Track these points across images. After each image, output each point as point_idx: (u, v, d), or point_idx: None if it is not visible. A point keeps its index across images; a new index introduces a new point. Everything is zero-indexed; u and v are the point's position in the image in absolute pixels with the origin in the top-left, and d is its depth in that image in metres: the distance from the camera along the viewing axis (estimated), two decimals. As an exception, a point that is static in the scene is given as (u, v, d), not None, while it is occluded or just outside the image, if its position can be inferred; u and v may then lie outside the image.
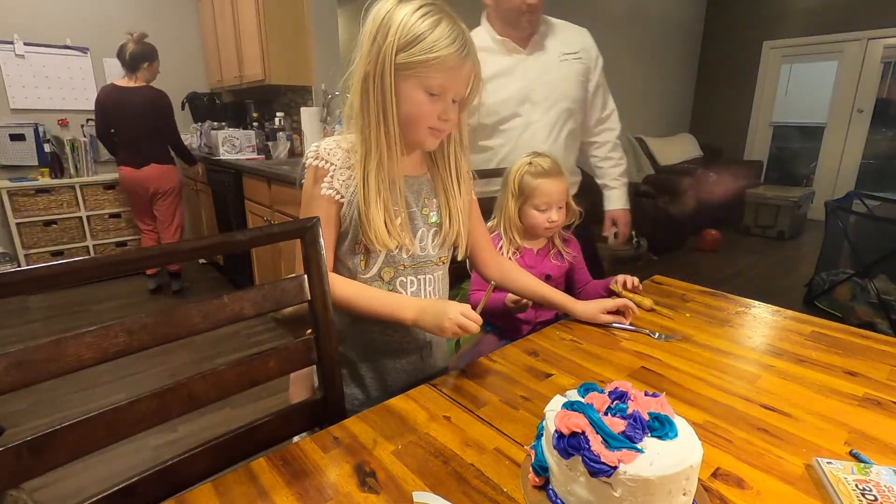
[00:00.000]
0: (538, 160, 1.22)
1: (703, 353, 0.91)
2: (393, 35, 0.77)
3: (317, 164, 0.86)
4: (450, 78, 0.80)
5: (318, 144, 0.87)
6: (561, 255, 1.30)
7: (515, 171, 1.23)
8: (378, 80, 0.80)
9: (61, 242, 3.41)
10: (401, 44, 0.77)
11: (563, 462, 0.51)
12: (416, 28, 0.77)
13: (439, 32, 0.77)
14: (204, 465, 0.71)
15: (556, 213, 1.22)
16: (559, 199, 1.22)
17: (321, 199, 0.86)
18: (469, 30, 0.82)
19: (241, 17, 3.18)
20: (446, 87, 0.81)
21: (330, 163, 0.86)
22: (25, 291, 0.59)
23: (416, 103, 0.81)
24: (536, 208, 1.22)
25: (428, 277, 0.94)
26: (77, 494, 1.52)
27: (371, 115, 0.82)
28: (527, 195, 1.22)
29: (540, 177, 1.20)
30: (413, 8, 0.78)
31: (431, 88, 0.80)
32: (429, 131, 0.85)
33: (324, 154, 0.86)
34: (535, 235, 1.26)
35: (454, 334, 0.80)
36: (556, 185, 1.21)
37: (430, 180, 0.93)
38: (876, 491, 0.54)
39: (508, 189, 1.24)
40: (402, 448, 0.65)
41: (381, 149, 0.83)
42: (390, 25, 0.78)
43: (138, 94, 2.87)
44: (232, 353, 2.48)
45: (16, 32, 3.25)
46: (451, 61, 0.79)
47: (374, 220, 0.83)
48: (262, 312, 0.76)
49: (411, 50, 0.77)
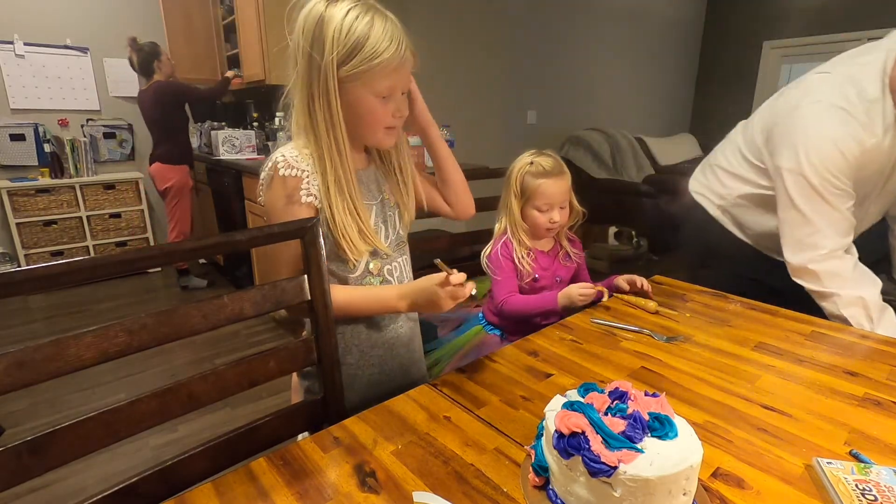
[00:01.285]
0: (539, 160, 1.20)
1: (703, 353, 0.91)
2: (330, 49, 0.74)
3: (288, 174, 0.81)
4: (396, 78, 0.79)
5: (281, 154, 0.82)
6: (569, 255, 1.29)
7: (517, 170, 1.21)
8: (323, 98, 0.78)
9: (61, 242, 3.41)
10: (341, 57, 0.75)
11: (563, 462, 0.51)
12: (352, 36, 0.74)
13: (376, 35, 0.75)
14: (204, 465, 0.71)
15: (557, 213, 1.20)
16: (561, 199, 1.20)
17: (302, 207, 0.82)
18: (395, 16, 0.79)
19: (241, 17, 3.18)
20: (394, 87, 0.80)
21: (301, 169, 0.81)
22: (25, 291, 0.59)
23: (369, 109, 0.80)
24: (538, 209, 1.20)
25: (405, 257, 0.97)
26: (77, 494, 1.53)
27: (321, 131, 0.80)
28: (528, 195, 1.20)
29: (541, 177, 1.18)
30: (342, 13, 0.74)
31: (381, 92, 0.79)
32: (385, 131, 0.84)
33: (292, 162, 0.81)
34: (539, 236, 1.25)
35: (449, 305, 0.80)
36: (557, 186, 1.18)
37: (376, 169, 0.94)
38: (876, 491, 0.54)
39: (511, 190, 1.22)
40: (402, 448, 0.65)
41: (334, 162, 0.81)
42: (324, 38, 0.75)
43: (147, 93, 2.97)
44: (232, 353, 2.48)
45: (16, 32, 3.25)
46: (395, 62, 0.77)
47: (347, 230, 0.83)
48: (262, 312, 0.76)
49: (352, 62, 0.75)
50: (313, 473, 0.61)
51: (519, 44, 3.90)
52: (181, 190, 3.14)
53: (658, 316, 1.08)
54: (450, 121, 3.11)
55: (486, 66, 3.72)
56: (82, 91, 3.52)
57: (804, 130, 1.11)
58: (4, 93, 3.28)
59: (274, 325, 2.74)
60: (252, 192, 2.72)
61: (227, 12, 3.46)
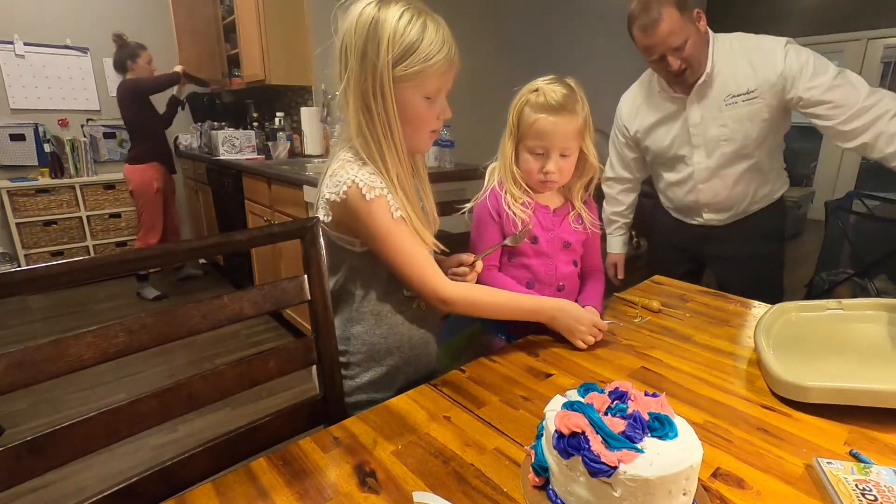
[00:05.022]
0: (549, 87, 0.95)
1: (703, 353, 0.91)
2: (386, 49, 0.76)
3: (373, 196, 0.80)
4: (444, 80, 0.83)
5: (352, 179, 0.80)
6: (582, 218, 1.06)
7: (519, 98, 0.99)
8: (379, 97, 0.79)
9: (61, 242, 3.41)
10: (396, 57, 0.77)
11: (563, 462, 0.51)
12: (407, 38, 0.77)
13: (429, 38, 0.78)
14: (204, 465, 0.71)
15: (555, 161, 0.96)
16: (562, 145, 0.95)
17: (400, 222, 0.82)
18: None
19: (241, 17, 3.18)
20: (441, 89, 0.83)
21: (380, 188, 0.81)
22: (25, 291, 0.59)
23: (417, 110, 0.82)
24: (531, 151, 0.97)
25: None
26: (77, 494, 1.53)
27: (378, 132, 0.81)
28: (522, 132, 0.97)
29: (541, 111, 0.94)
30: (396, 15, 0.76)
31: (429, 94, 0.82)
32: (429, 134, 0.87)
33: (370, 182, 0.80)
34: (533, 188, 1.03)
35: (581, 341, 0.91)
36: (559, 126, 0.94)
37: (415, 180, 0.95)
38: (876, 491, 0.54)
39: (507, 124, 1.01)
40: (402, 448, 0.65)
41: (394, 163, 0.83)
42: (380, 38, 0.76)
43: (117, 94, 2.95)
44: (232, 353, 2.48)
45: (16, 32, 3.26)
46: (445, 65, 0.80)
47: (423, 230, 0.86)
48: (262, 312, 0.76)
49: (407, 62, 0.78)
50: (313, 473, 0.61)
51: (519, 43, 3.91)
52: (144, 192, 3.01)
53: (659, 315, 1.08)
54: (450, 121, 3.11)
55: (486, 66, 3.71)
56: (82, 91, 3.53)
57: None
58: (4, 93, 3.28)
59: (274, 324, 2.74)
60: (252, 192, 2.73)
61: (226, 12, 3.46)
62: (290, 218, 2.31)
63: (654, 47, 1.29)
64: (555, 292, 1.07)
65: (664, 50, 1.28)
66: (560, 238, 1.04)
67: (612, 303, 1.16)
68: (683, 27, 1.26)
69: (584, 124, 0.98)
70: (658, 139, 1.49)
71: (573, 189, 1.06)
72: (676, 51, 1.28)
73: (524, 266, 1.05)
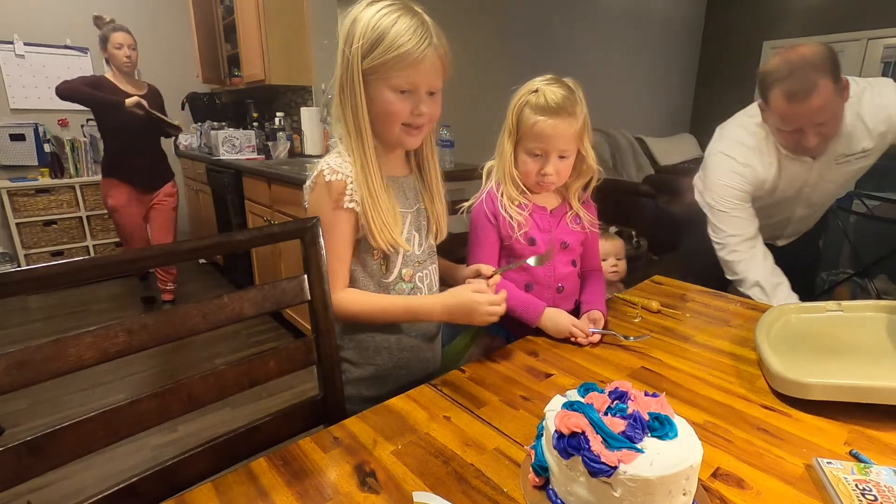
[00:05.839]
0: (548, 88, 0.94)
1: (703, 353, 0.91)
2: (357, 41, 0.78)
3: (333, 179, 0.82)
4: (414, 73, 0.79)
5: (326, 162, 0.84)
6: (580, 218, 1.07)
7: (518, 99, 0.98)
8: (349, 88, 0.81)
9: (61, 242, 3.41)
10: (365, 49, 0.78)
11: (563, 462, 0.51)
12: (377, 29, 0.77)
13: (398, 29, 0.77)
14: (204, 465, 0.71)
15: (553, 164, 0.96)
16: (562, 147, 0.95)
17: (345, 213, 0.83)
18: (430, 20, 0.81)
19: (241, 17, 3.18)
20: (415, 83, 0.81)
21: (344, 174, 0.83)
22: (25, 291, 0.59)
23: (386, 103, 0.81)
24: (529, 153, 0.97)
25: (433, 266, 0.99)
26: (77, 494, 1.53)
27: (349, 123, 0.83)
28: (522, 134, 0.97)
29: (541, 113, 0.93)
30: (376, 9, 0.78)
31: (399, 87, 0.80)
32: (403, 128, 0.84)
33: (336, 167, 0.83)
34: (530, 190, 1.03)
35: (486, 322, 0.85)
36: (559, 128, 0.93)
37: (416, 179, 0.96)
38: (876, 491, 0.54)
39: (506, 124, 1.00)
40: (402, 448, 0.65)
41: (360, 154, 0.83)
42: (355, 31, 0.78)
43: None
44: (232, 353, 2.48)
45: (16, 32, 3.25)
46: (413, 56, 0.78)
47: (384, 226, 0.84)
48: (262, 312, 0.76)
49: (374, 53, 0.78)
50: (313, 473, 0.61)
51: (519, 43, 3.91)
52: (109, 207, 2.73)
53: (659, 315, 1.08)
54: (450, 121, 3.11)
55: (486, 65, 3.71)
56: (82, 91, 3.52)
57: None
58: (4, 93, 3.28)
59: (274, 324, 2.74)
60: (252, 192, 2.72)
61: (226, 12, 3.46)
62: (290, 218, 2.31)
63: (797, 119, 1.12)
64: (554, 293, 1.06)
65: (806, 124, 1.12)
66: (558, 239, 1.04)
67: (612, 303, 1.16)
68: (833, 101, 1.09)
69: (583, 126, 0.97)
70: (767, 192, 1.35)
71: (570, 189, 1.06)
72: (819, 126, 1.12)
73: (522, 268, 1.04)
